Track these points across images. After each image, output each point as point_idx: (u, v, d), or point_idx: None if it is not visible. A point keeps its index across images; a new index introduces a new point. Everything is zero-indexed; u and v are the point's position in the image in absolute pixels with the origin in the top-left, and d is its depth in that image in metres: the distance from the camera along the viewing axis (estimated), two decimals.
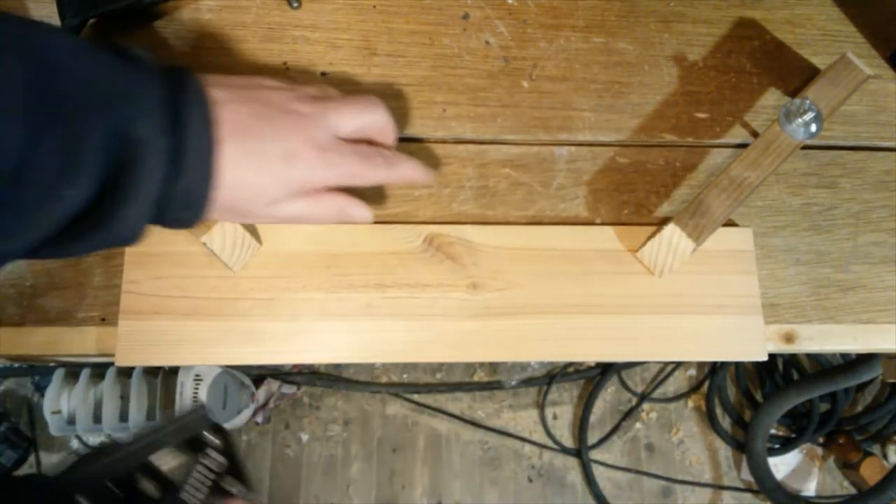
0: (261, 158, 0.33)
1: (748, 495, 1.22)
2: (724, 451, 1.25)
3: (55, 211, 0.28)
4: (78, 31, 0.43)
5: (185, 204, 0.32)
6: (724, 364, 1.23)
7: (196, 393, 1.00)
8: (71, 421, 0.98)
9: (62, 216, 0.28)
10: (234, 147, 0.32)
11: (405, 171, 0.38)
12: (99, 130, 0.28)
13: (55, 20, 0.42)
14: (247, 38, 0.45)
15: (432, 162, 0.44)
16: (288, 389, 1.20)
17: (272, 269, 0.40)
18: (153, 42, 0.44)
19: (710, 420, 1.24)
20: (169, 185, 0.30)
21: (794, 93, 0.48)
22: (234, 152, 0.32)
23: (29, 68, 0.27)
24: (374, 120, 0.37)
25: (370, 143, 0.37)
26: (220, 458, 0.36)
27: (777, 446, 1.22)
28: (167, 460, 0.35)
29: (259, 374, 1.18)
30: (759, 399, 1.24)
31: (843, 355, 1.15)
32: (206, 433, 0.36)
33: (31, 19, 0.30)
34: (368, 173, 0.36)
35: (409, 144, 0.44)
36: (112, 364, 0.98)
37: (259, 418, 1.18)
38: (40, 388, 1.16)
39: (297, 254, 0.41)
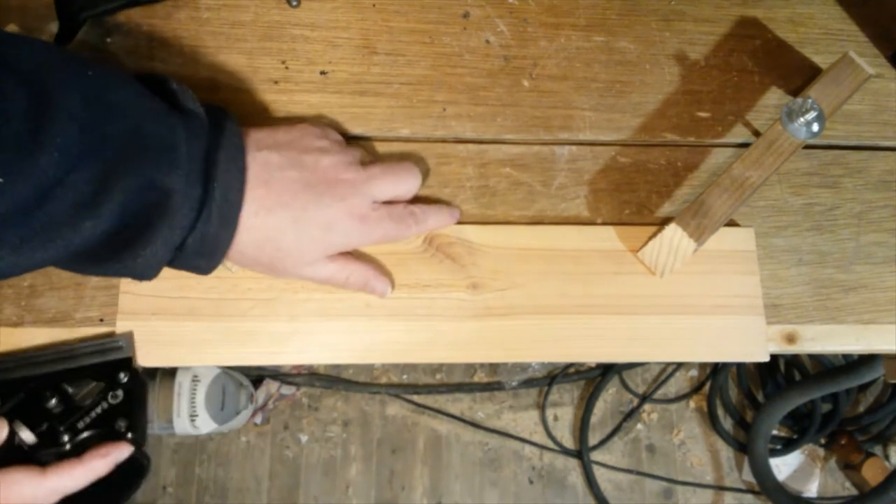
0: (303, 225, 0.35)
1: (749, 496, 1.22)
2: (726, 452, 1.24)
3: (70, 237, 0.29)
4: (76, 30, 0.42)
5: (202, 252, 0.33)
6: (725, 365, 1.23)
7: (194, 394, 0.99)
8: None
9: (77, 243, 0.29)
10: (278, 212, 0.34)
11: (433, 224, 0.40)
12: (133, 175, 0.30)
13: (53, 19, 0.42)
14: (246, 36, 0.45)
15: (432, 161, 0.44)
16: (287, 390, 1.20)
17: None
18: (153, 42, 0.44)
19: (712, 421, 1.23)
20: (191, 234, 0.32)
21: (795, 92, 0.48)
22: (277, 217, 0.34)
23: (87, 104, 0.29)
24: (410, 189, 0.40)
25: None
26: (120, 396, 0.36)
27: (779, 447, 1.22)
28: (79, 386, 0.37)
29: (258, 375, 1.18)
30: (761, 400, 1.24)
31: (845, 356, 1.15)
32: (120, 373, 0.37)
33: (93, 61, 0.32)
34: (400, 234, 0.39)
35: (409, 144, 0.44)
36: None
37: (258, 419, 1.18)
38: None
39: None
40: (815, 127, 0.42)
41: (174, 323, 0.39)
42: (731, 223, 0.44)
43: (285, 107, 0.43)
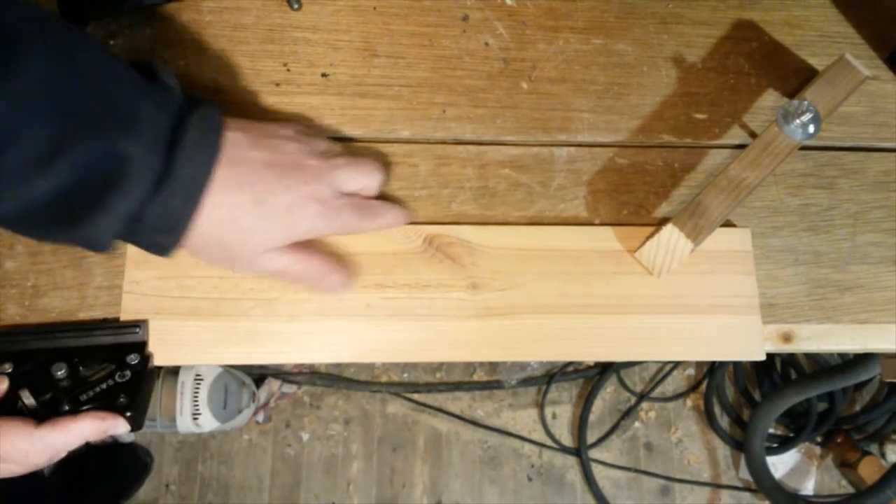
0: (266, 206, 0.34)
1: (746, 494, 1.23)
2: (723, 450, 1.25)
3: (23, 192, 0.29)
4: None
5: (161, 228, 0.33)
6: (722, 364, 1.23)
7: (197, 392, 1.00)
8: None
9: (27, 198, 0.29)
10: (242, 192, 0.34)
11: (388, 219, 0.40)
12: (92, 138, 0.29)
13: None
14: (247, 39, 0.45)
15: (432, 163, 0.44)
16: (288, 389, 1.20)
17: None
18: (156, 45, 0.44)
19: (709, 419, 1.24)
20: (148, 206, 0.31)
21: (792, 94, 0.48)
22: (240, 196, 0.34)
23: (52, 61, 0.28)
24: (372, 183, 0.40)
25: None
26: (127, 376, 0.37)
27: (775, 445, 1.22)
28: (90, 363, 0.37)
29: (260, 374, 1.19)
30: (758, 398, 1.24)
31: (842, 355, 1.15)
32: (131, 355, 0.38)
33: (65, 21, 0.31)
34: (361, 225, 0.39)
35: (409, 145, 0.44)
36: None
37: (260, 417, 1.19)
38: None
39: None
40: (812, 128, 0.42)
41: (177, 322, 0.39)
42: (728, 224, 0.45)
43: (287, 108, 0.44)
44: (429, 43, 0.47)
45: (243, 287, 0.40)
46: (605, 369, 1.24)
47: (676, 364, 1.27)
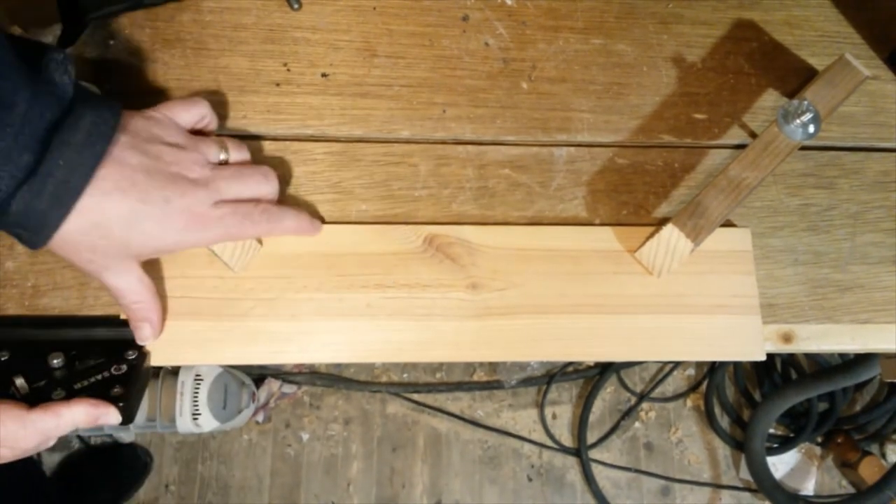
0: (137, 217, 0.33)
1: (747, 494, 1.23)
2: (723, 450, 1.25)
3: None
4: (78, 32, 0.43)
5: (24, 225, 0.31)
6: (722, 364, 1.23)
7: (196, 392, 1.00)
8: None
9: None
10: (112, 198, 0.33)
11: (288, 224, 0.39)
12: None
13: (56, 21, 0.43)
14: (248, 39, 0.45)
15: (432, 163, 0.44)
16: (288, 389, 1.21)
17: (273, 269, 0.40)
18: (156, 45, 0.44)
19: (709, 419, 1.24)
20: (9, 200, 0.30)
21: (792, 94, 0.48)
22: (110, 203, 0.33)
23: None
24: (262, 192, 0.38)
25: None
26: (123, 369, 0.37)
27: (776, 446, 1.22)
28: (87, 355, 0.37)
29: (260, 374, 1.19)
30: (758, 398, 1.24)
31: (842, 355, 1.15)
32: (129, 351, 0.38)
33: None
34: (245, 231, 0.37)
35: (409, 145, 0.44)
36: None
37: (260, 417, 1.19)
38: None
39: (297, 254, 0.41)
40: (811, 128, 0.42)
41: (177, 322, 0.39)
42: (728, 224, 0.45)
43: (287, 108, 0.44)
44: (429, 43, 0.47)
45: (244, 287, 0.40)
46: (605, 369, 1.24)
47: (676, 364, 1.27)
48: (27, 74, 0.30)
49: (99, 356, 0.37)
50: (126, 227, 0.33)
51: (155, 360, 0.39)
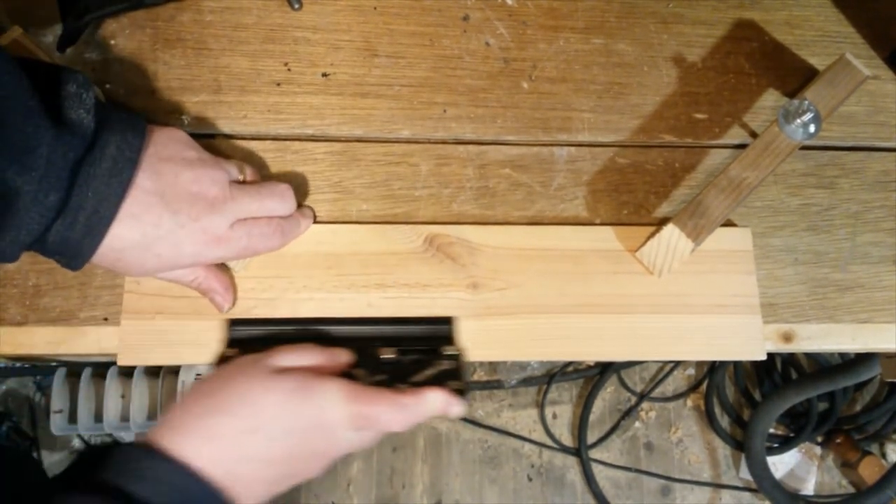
0: (152, 242, 0.34)
1: (747, 494, 1.23)
2: (723, 450, 1.25)
3: None
4: (79, 32, 0.43)
5: (63, 253, 0.33)
6: (722, 363, 1.23)
7: None
8: (72, 420, 0.98)
9: None
10: (129, 226, 0.34)
11: (302, 232, 0.41)
12: None
13: (56, 21, 0.43)
14: (248, 39, 0.45)
15: (432, 163, 0.44)
16: None
17: (274, 269, 0.41)
18: (156, 45, 0.44)
19: (709, 419, 1.24)
20: (47, 234, 0.32)
21: (792, 94, 0.48)
22: (126, 229, 0.34)
23: None
24: (279, 211, 0.39)
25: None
26: (449, 364, 0.37)
27: (776, 445, 1.22)
28: (411, 352, 0.37)
29: None
30: (758, 398, 1.24)
31: (842, 355, 1.15)
32: (446, 345, 0.38)
33: None
34: (261, 248, 0.38)
35: (409, 145, 0.44)
36: (114, 363, 0.98)
37: None
38: (42, 388, 1.16)
39: (298, 254, 0.41)
40: (812, 128, 0.42)
41: (178, 322, 0.39)
42: (728, 223, 0.45)
43: (288, 108, 0.44)
44: (429, 43, 0.47)
45: (244, 287, 0.40)
46: (605, 369, 1.24)
47: (676, 364, 1.27)
48: (47, 114, 0.31)
49: (421, 352, 0.37)
50: (141, 251, 0.34)
51: (155, 360, 0.39)
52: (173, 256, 0.35)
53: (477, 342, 0.40)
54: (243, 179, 0.39)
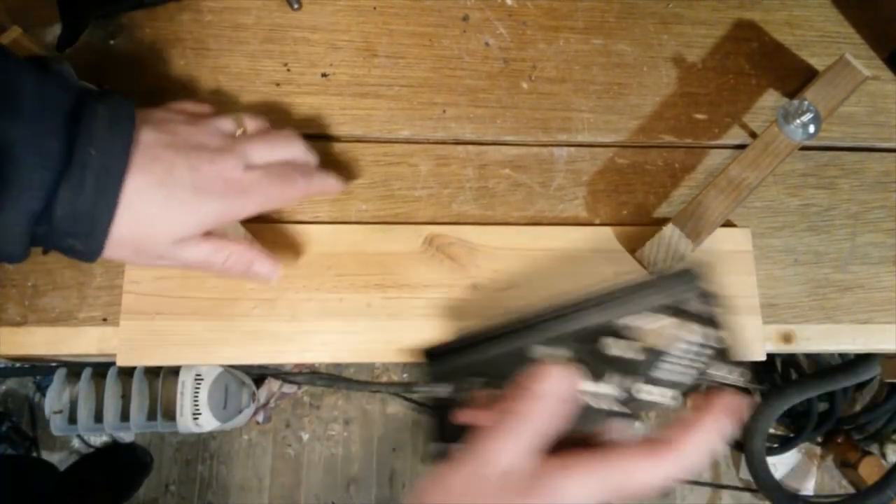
0: (169, 190, 0.31)
1: (747, 494, 1.23)
2: (723, 450, 1.25)
3: None
4: (80, 32, 0.43)
5: (76, 231, 0.29)
6: None
7: (197, 392, 1.00)
8: (72, 420, 0.98)
9: None
10: (140, 177, 0.30)
11: (318, 184, 0.37)
12: None
13: (56, 21, 0.43)
14: (248, 39, 0.45)
15: (432, 163, 0.44)
16: (289, 389, 1.20)
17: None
18: (156, 45, 0.44)
19: None
20: (54, 201, 0.28)
21: (792, 94, 0.48)
22: (141, 181, 0.30)
23: None
24: (290, 154, 0.36)
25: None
26: (711, 336, 0.28)
27: (776, 445, 1.22)
28: (639, 322, 0.28)
29: (260, 374, 1.19)
30: (758, 398, 1.24)
31: (842, 355, 1.15)
32: (691, 302, 0.28)
33: None
34: (284, 194, 0.35)
35: (409, 145, 0.44)
36: (113, 364, 0.98)
37: (260, 418, 1.19)
38: (42, 388, 1.17)
39: (298, 254, 0.41)
40: (812, 128, 0.42)
41: (177, 322, 0.39)
42: (728, 224, 0.45)
43: (287, 108, 0.44)
44: (429, 43, 0.47)
45: (244, 287, 0.40)
46: None
47: None
48: (28, 63, 0.29)
49: (662, 318, 0.28)
50: (164, 203, 0.30)
51: (155, 361, 0.39)
52: (196, 205, 0.31)
53: None
54: (243, 132, 0.37)
